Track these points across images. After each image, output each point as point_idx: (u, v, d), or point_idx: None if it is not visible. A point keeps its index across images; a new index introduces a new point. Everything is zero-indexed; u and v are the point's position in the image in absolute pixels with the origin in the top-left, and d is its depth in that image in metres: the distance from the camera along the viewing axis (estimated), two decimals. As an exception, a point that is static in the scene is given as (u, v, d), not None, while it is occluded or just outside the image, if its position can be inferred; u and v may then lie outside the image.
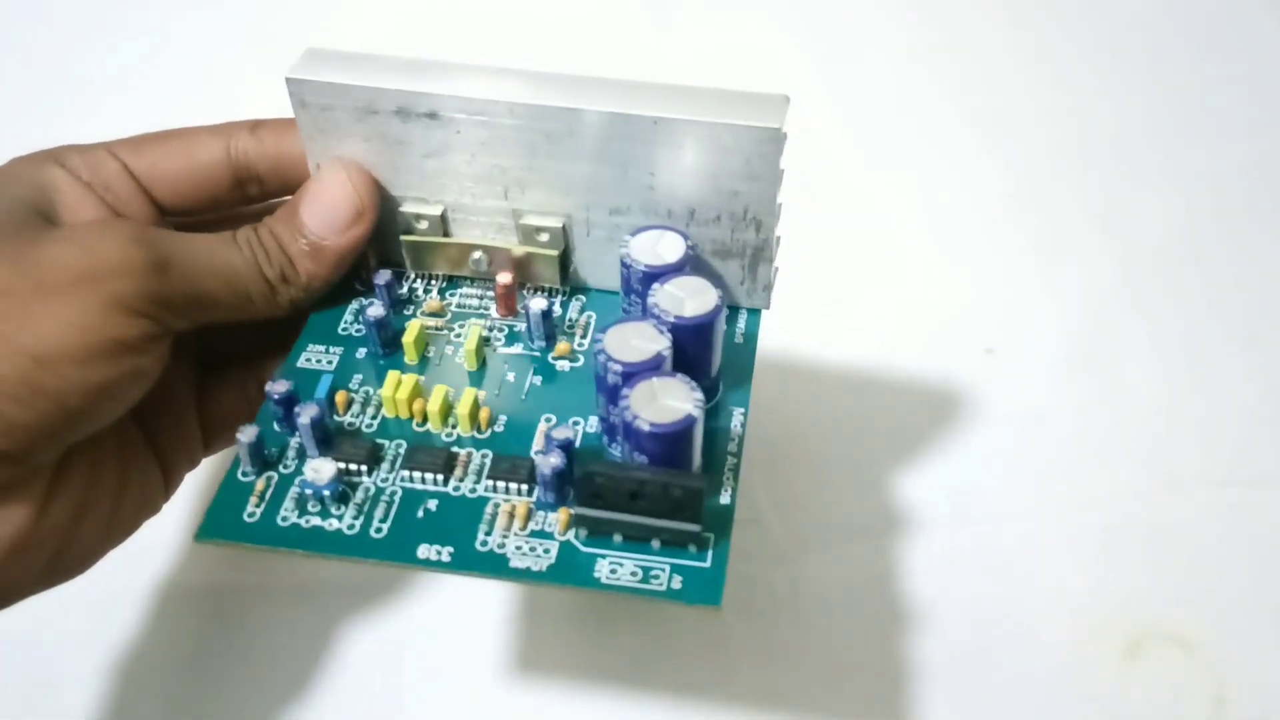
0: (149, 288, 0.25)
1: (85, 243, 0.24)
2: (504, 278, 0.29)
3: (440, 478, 0.25)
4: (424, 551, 0.24)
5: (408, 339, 0.28)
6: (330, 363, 0.28)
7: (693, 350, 0.25)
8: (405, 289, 0.30)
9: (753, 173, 0.26)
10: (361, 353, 0.28)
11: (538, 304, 0.28)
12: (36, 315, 0.23)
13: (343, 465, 0.25)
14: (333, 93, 0.27)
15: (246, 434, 0.25)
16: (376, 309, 0.28)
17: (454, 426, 0.27)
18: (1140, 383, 0.41)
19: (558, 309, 0.29)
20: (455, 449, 0.26)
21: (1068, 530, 0.37)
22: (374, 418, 0.27)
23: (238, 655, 0.35)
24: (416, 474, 0.25)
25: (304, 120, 0.28)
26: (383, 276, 0.29)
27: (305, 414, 0.25)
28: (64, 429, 0.24)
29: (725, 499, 0.25)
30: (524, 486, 0.25)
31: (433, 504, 0.25)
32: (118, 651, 0.35)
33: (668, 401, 0.23)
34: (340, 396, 0.27)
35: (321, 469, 0.25)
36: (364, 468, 0.25)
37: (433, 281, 0.30)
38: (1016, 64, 0.53)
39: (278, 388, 0.26)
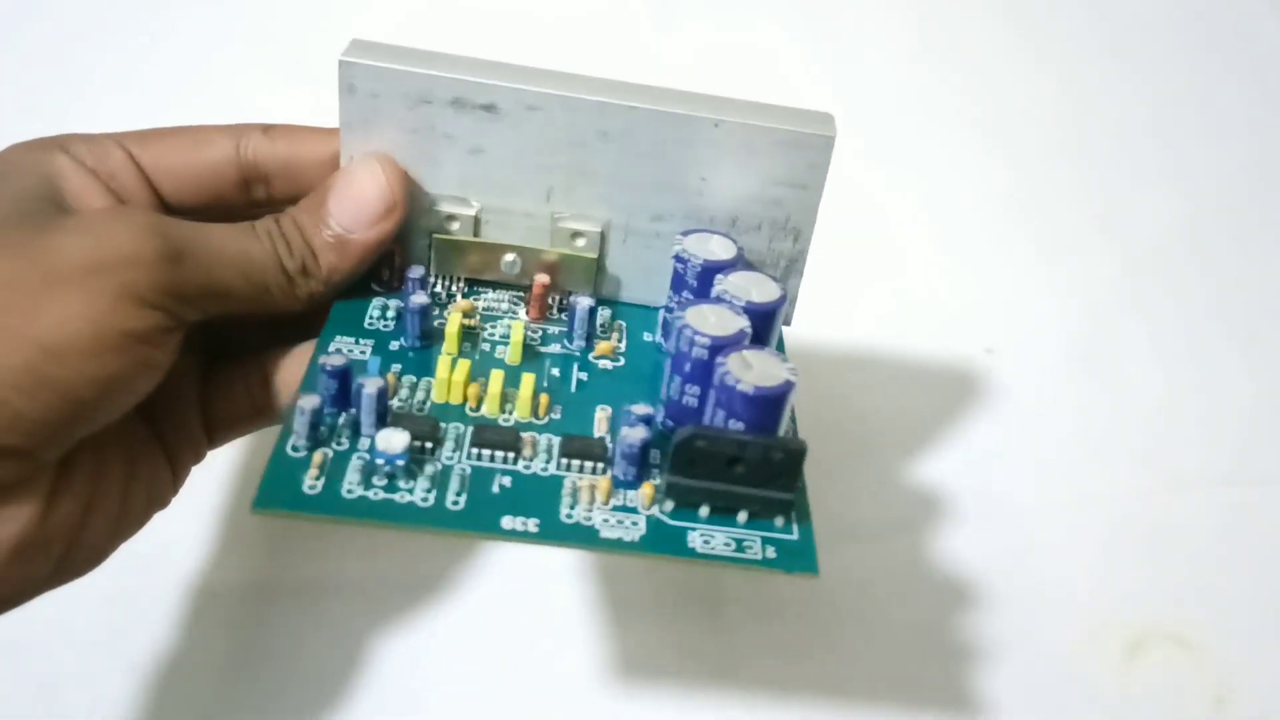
0: (162, 279, 0.24)
1: (96, 231, 0.23)
2: (542, 278, 0.28)
3: (510, 456, 0.24)
4: (509, 522, 0.23)
5: (450, 329, 0.27)
6: (364, 353, 0.27)
7: (758, 336, 0.26)
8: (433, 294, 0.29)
9: (800, 180, 0.28)
10: (395, 345, 0.27)
11: (584, 301, 0.28)
12: (45, 306, 0.22)
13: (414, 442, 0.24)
14: (387, 79, 0.27)
15: (308, 402, 0.23)
16: (420, 296, 0.27)
17: (510, 413, 0.26)
18: (1140, 382, 0.42)
19: (603, 313, 0.29)
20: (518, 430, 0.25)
21: (1068, 530, 0.38)
22: (424, 402, 0.26)
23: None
24: (485, 452, 0.24)
25: (347, 108, 0.27)
26: (416, 271, 0.28)
27: (371, 385, 0.24)
28: (72, 422, 0.23)
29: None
30: (599, 465, 0.24)
31: (506, 480, 0.24)
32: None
33: (765, 368, 0.24)
34: (388, 378, 0.26)
35: (393, 439, 0.23)
36: (428, 444, 0.24)
37: (456, 286, 0.29)
38: (1017, 63, 0.53)
39: (333, 360, 0.24)
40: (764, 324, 0.26)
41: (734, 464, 0.23)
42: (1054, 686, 0.34)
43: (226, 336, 0.29)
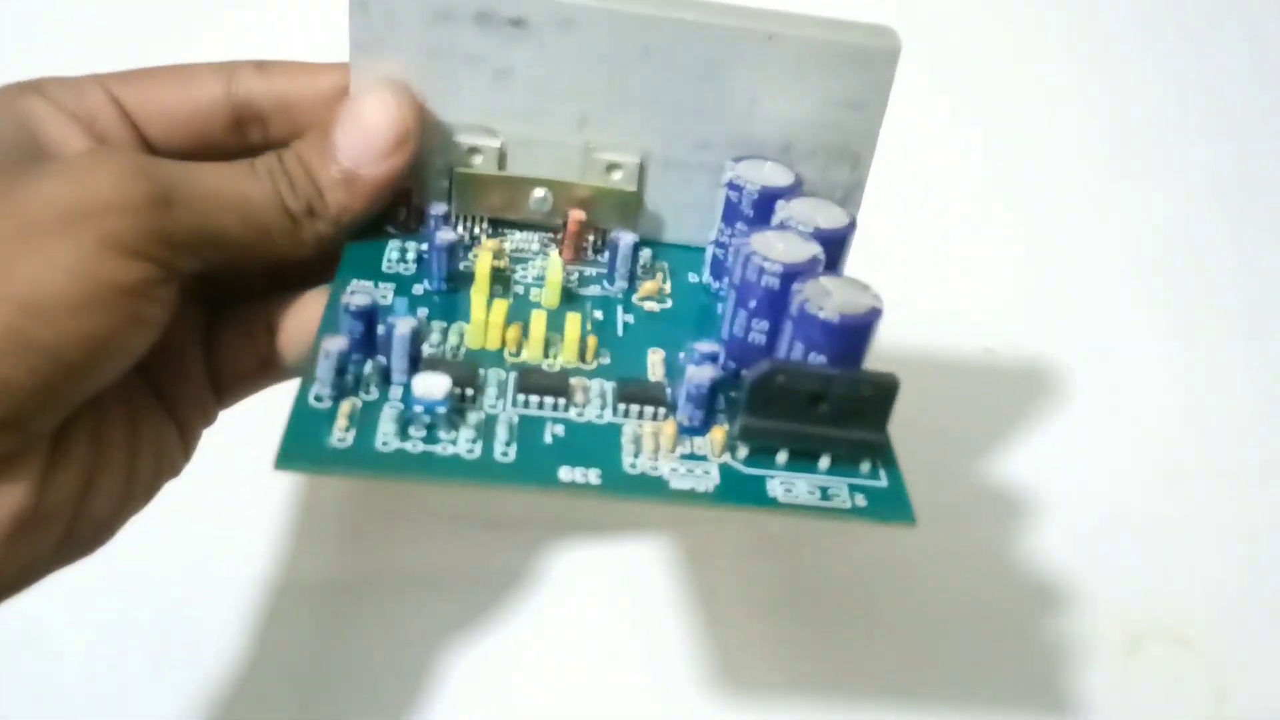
0: (149, 225, 0.21)
1: (75, 175, 0.21)
2: (578, 214, 0.26)
3: (561, 402, 0.22)
4: (567, 474, 0.20)
5: (481, 268, 0.24)
6: (385, 298, 0.24)
7: (828, 264, 0.23)
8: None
9: (861, 100, 0.25)
10: (419, 289, 0.24)
11: (628, 238, 0.25)
12: (23, 259, 0.20)
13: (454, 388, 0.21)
14: (404, -6, 0.24)
15: (333, 344, 0.20)
16: (447, 233, 0.24)
17: (555, 358, 0.23)
18: (1141, 381, 0.42)
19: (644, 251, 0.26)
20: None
21: (1067, 528, 0.37)
22: (458, 347, 0.23)
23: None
24: (533, 399, 0.22)
25: (359, 27, 0.24)
26: (438, 208, 0.25)
27: (404, 325, 0.21)
28: (61, 388, 0.21)
29: None
30: (660, 410, 0.22)
31: (559, 429, 0.21)
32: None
33: (847, 295, 0.21)
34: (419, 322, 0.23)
35: (432, 383, 0.20)
36: (468, 391, 0.21)
37: (480, 227, 0.26)
38: (1016, 62, 0.52)
39: (357, 299, 0.21)
40: (834, 252, 0.23)
41: (817, 402, 0.21)
42: (1053, 684, 0.34)
43: (230, 285, 0.27)
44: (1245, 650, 0.35)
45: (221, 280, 0.26)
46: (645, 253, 0.26)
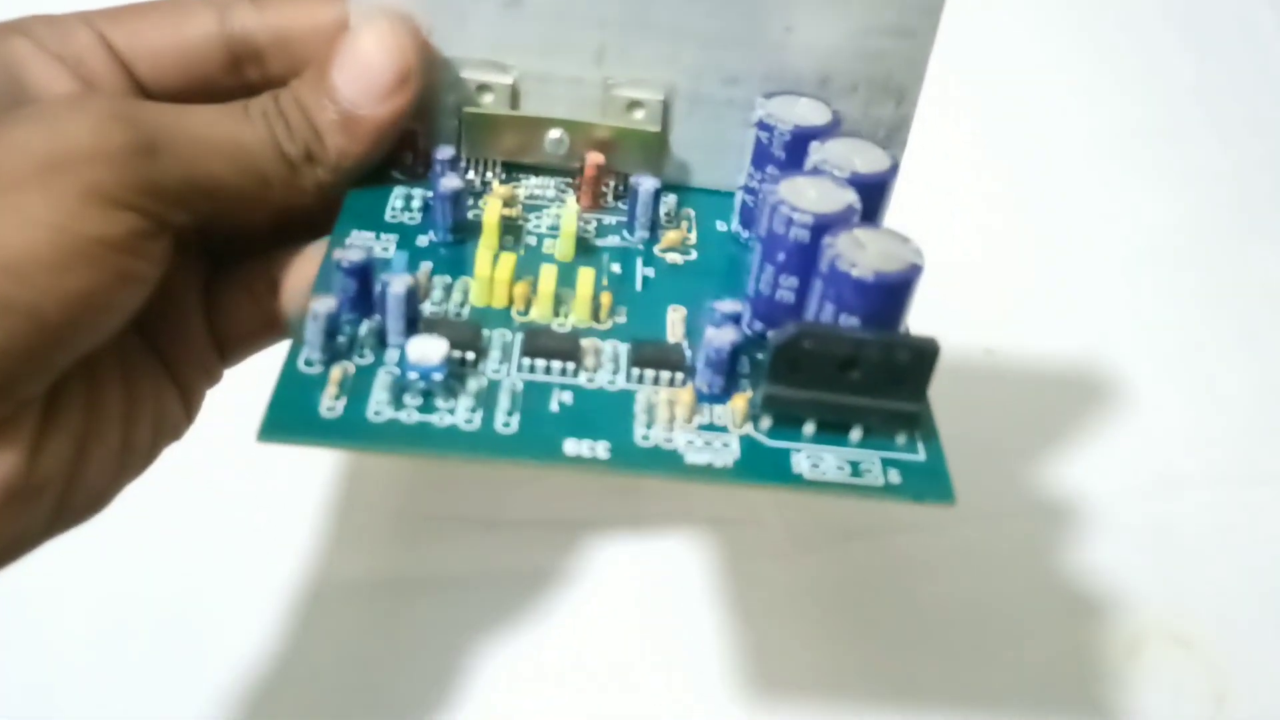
0: (133, 174, 0.20)
1: (52, 123, 0.20)
2: (595, 158, 0.24)
3: (570, 366, 0.20)
4: (573, 447, 0.19)
5: (488, 219, 0.22)
6: (386, 250, 0.22)
7: (867, 215, 0.21)
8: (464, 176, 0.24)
9: (908, 27, 0.23)
10: (423, 241, 0.23)
11: (649, 183, 0.23)
12: None
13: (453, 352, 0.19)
14: (405, -86, 0.22)
15: (322, 305, 0.19)
16: (452, 179, 0.22)
17: (566, 316, 0.21)
18: (1140, 382, 0.41)
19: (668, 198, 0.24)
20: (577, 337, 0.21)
21: (1067, 529, 0.36)
22: (462, 305, 0.21)
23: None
24: (539, 363, 0.20)
25: (355, -46, 0.22)
26: (445, 151, 0.23)
27: (398, 283, 0.19)
28: (47, 350, 0.20)
29: None
30: (677, 375, 0.20)
31: (566, 396, 0.20)
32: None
33: (884, 248, 0.19)
34: (419, 277, 0.21)
35: (428, 347, 0.19)
36: (469, 355, 0.20)
37: (491, 171, 0.25)
38: (1016, 61, 0.51)
39: (350, 255, 0.20)
40: (873, 199, 0.21)
41: (848, 368, 0.19)
42: (1053, 686, 0.33)
43: (230, 239, 0.25)
44: (1246, 652, 0.34)
45: (220, 233, 0.24)
46: (669, 199, 0.25)
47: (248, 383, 0.25)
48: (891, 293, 0.19)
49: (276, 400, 0.18)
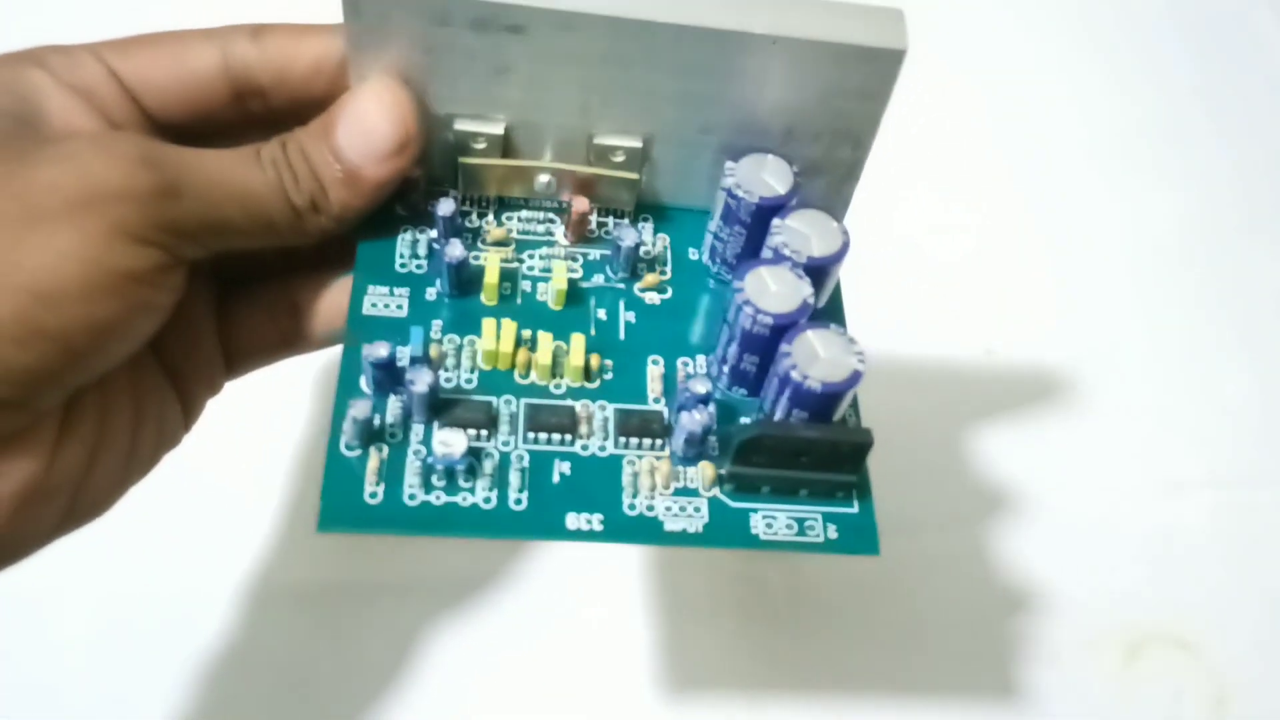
0: (157, 214, 0.21)
1: (82, 162, 0.21)
2: (580, 204, 0.26)
3: (568, 437, 0.24)
4: (574, 522, 0.23)
5: (489, 279, 0.25)
6: (400, 307, 0.25)
7: (818, 282, 0.24)
8: (463, 219, 0.27)
9: (867, 91, 0.25)
10: (431, 293, 0.26)
11: (630, 236, 0.26)
12: (30, 246, 0.20)
13: (470, 434, 0.23)
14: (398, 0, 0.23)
15: (359, 409, 0.22)
16: (456, 249, 0.25)
17: (561, 377, 0.25)
18: (1140, 383, 0.41)
19: (646, 239, 0.27)
20: (572, 403, 0.24)
21: (1067, 531, 0.37)
22: (471, 371, 0.25)
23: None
24: (542, 435, 0.24)
25: (353, 30, 0.24)
26: (445, 207, 0.26)
27: (421, 381, 0.23)
28: (69, 372, 0.21)
29: None
30: (658, 441, 0.24)
31: (565, 467, 0.24)
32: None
33: (832, 356, 0.23)
34: (433, 351, 0.24)
35: (452, 441, 0.23)
36: (484, 433, 0.24)
37: (487, 205, 0.27)
38: (1016, 61, 0.51)
39: (377, 350, 0.23)
40: (822, 275, 0.24)
41: (800, 455, 0.23)
42: (1054, 688, 0.34)
43: (241, 265, 0.27)
44: (1245, 655, 0.35)
45: (229, 262, 0.26)
46: (646, 243, 0.27)
47: (229, 390, 0.28)
48: (836, 396, 0.23)
49: (329, 491, 0.22)
